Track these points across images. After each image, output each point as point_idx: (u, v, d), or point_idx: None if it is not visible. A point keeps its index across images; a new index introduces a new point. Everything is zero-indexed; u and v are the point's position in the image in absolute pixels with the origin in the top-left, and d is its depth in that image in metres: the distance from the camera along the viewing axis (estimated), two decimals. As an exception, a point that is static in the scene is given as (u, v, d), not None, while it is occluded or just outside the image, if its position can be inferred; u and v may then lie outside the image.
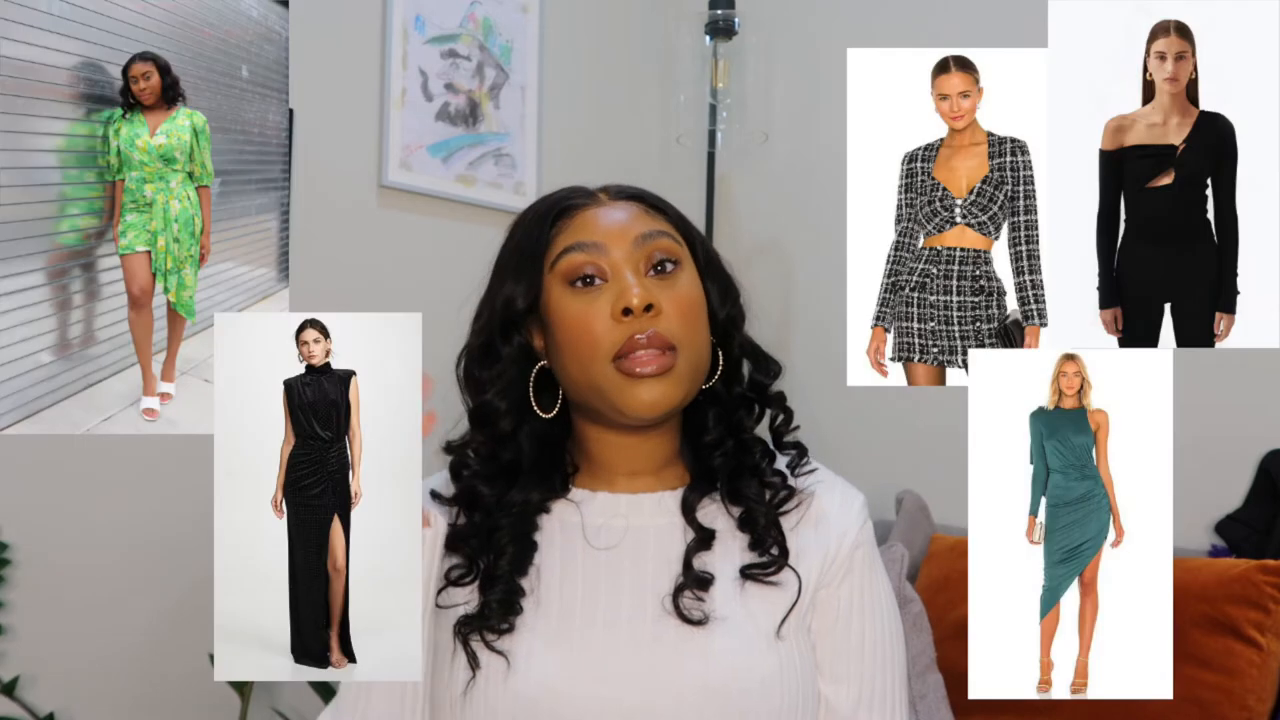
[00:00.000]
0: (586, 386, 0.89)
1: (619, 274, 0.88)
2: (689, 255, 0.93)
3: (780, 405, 0.96)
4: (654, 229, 0.90)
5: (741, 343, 0.95)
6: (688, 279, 0.91)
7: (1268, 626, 1.47)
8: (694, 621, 0.85)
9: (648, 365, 0.85)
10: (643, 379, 0.85)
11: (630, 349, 0.85)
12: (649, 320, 0.86)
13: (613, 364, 0.86)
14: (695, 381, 0.90)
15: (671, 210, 0.95)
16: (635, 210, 0.92)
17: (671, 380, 0.86)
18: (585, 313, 0.87)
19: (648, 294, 0.86)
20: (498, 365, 0.92)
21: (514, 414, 0.92)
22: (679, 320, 0.87)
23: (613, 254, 0.88)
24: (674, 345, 0.86)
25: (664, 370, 0.86)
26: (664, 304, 0.87)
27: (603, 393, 0.87)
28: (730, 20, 2.17)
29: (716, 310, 0.93)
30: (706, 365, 0.91)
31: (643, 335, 0.85)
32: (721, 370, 0.94)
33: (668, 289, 0.88)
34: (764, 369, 0.96)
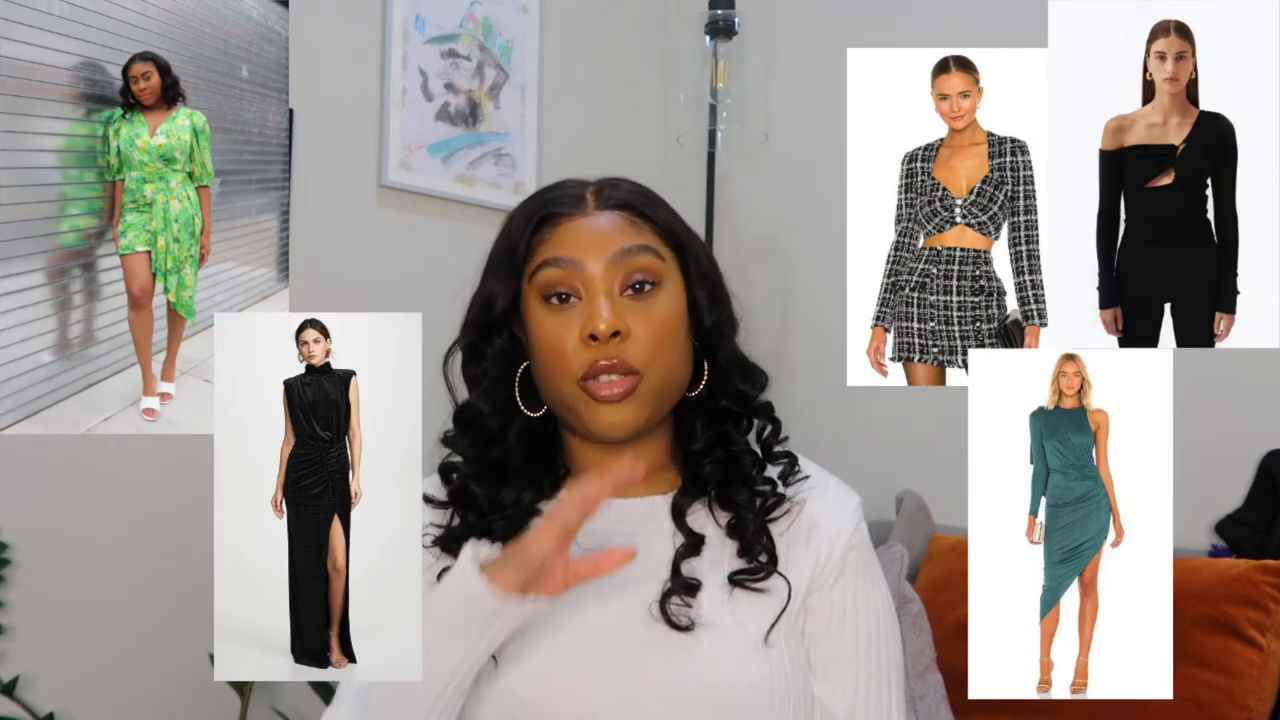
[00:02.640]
0: (557, 401, 0.89)
1: (592, 294, 0.87)
2: (674, 267, 0.91)
3: (768, 416, 0.95)
4: (636, 244, 0.89)
5: (727, 354, 0.93)
6: (666, 298, 0.89)
7: (1268, 626, 1.47)
8: (681, 627, 0.85)
9: (610, 390, 0.86)
10: (606, 403, 0.86)
11: (595, 373, 0.86)
12: (615, 347, 0.86)
13: (579, 384, 0.86)
14: (665, 398, 0.90)
15: (661, 217, 0.92)
16: (620, 222, 0.90)
17: (634, 403, 0.87)
18: (557, 330, 0.87)
19: (617, 319, 0.86)
20: (483, 364, 0.92)
21: (500, 413, 0.92)
22: (648, 344, 0.87)
23: (589, 271, 0.87)
24: (638, 371, 0.86)
25: (627, 394, 0.86)
26: (634, 327, 0.86)
27: (571, 409, 0.88)
28: (730, 20, 2.17)
29: (703, 318, 0.92)
30: (682, 380, 0.91)
31: (607, 361, 0.85)
32: (707, 380, 0.93)
33: (641, 311, 0.87)
34: (750, 380, 0.95)
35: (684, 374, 0.91)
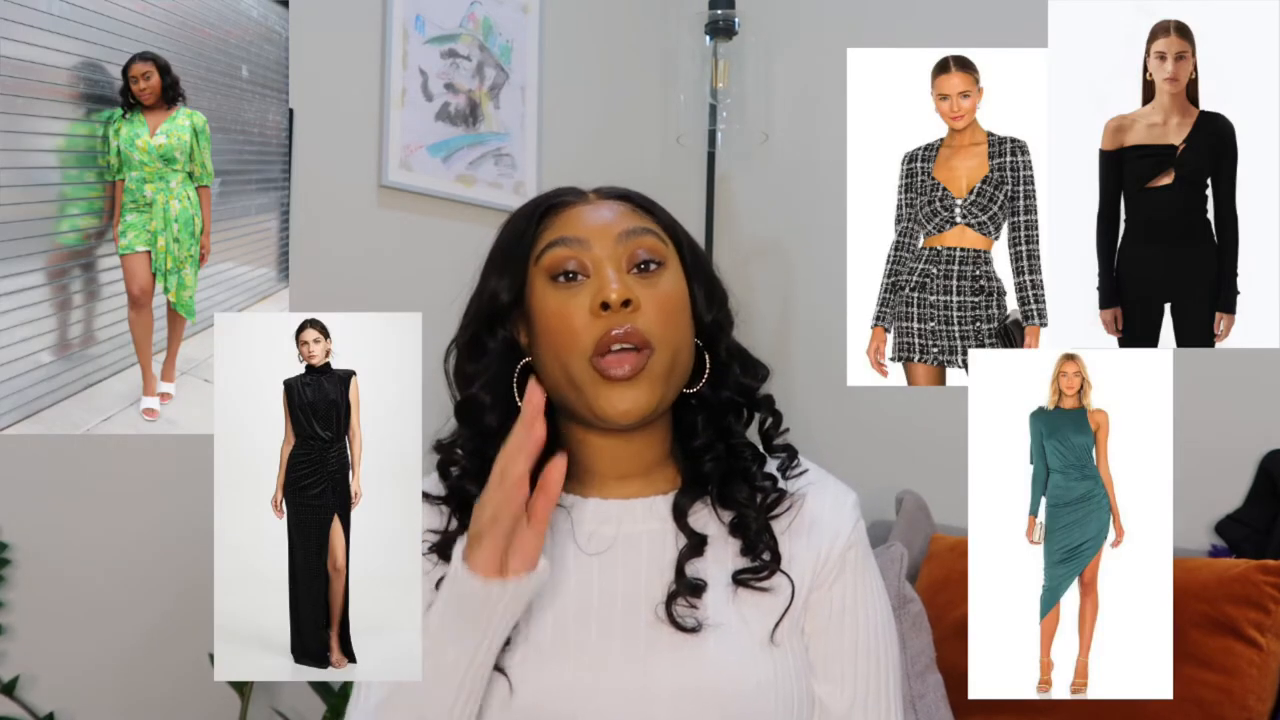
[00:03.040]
0: (565, 383, 0.89)
1: (600, 270, 0.88)
2: (675, 256, 0.93)
3: (769, 408, 0.96)
4: (639, 226, 0.91)
5: (728, 346, 0.94)
6: (671, 279, 0.91)
7: (1268, 626, 1.47)
8: (687, 629, 0.85)
9: (621, 366, 0.85)
10: (616, 382, 0.86)
11: (606, 345, 0.85)
12: (626, 316, 0.86)
13: (589, 361, 0.86)
14: (672, 383, 0.89)
15: (660, 211, 0.95)
16: (622, 208, 0.93)
17: (644, 383, 0.86)
18: (565, 307, 0.88)
19: (626, 289, 0.86)
20: (484, 359, 0.92)
21: (500, 409, 0.91)
22: (658, 318, 0.87)
23: (595, 250, 0.89)
24: (650, 344, 0.86)
25: (637, 371, 0.86)
26: (644, 301, 0.87)
27: (580, 390, 0.87)
28: (730, 20, 2.17)
29: (702, 313, 0.93)
30: (686, 367, 0.91)
31: (619, 330, 0.85)
32: (708, 374, 0.93)
33: (649, 287, 0.88)
34: (751, 373, 0.95)
35: (688, 360, 0.91)
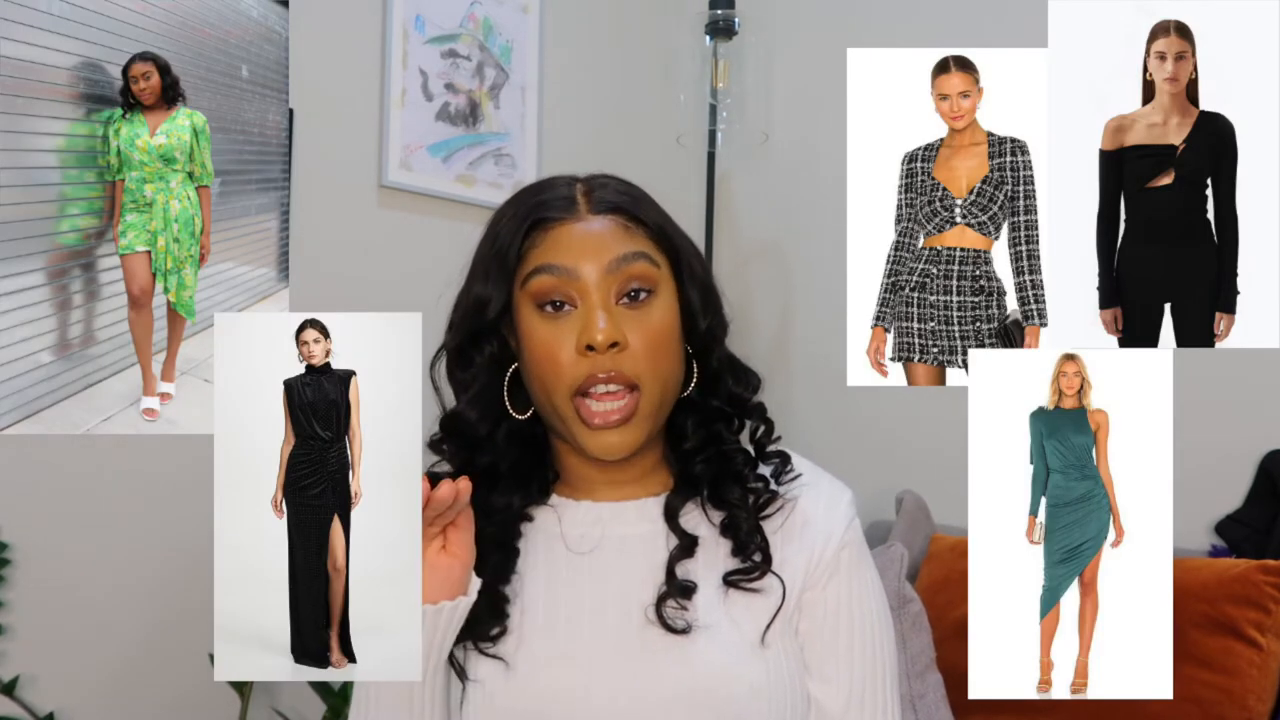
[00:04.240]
0: (550, 412, 0.88)
1: (588, 302, 0.85)
2: (667, 273, 0.89)
3: (760, 416, 0.94)
4: (631, 250, 0.87)
5: (720, 355, 0.92)
6: (661, 306, 0.88)
7: (1268, 626, 1.47)
8: (678, 630, 0.84)
9: (608, 417, 0.84)
10: (601, 429, 0.85)
11: (590, 385, 0.84)
12: (612, 358, 0.84)
13: (573, 399, 0.85)
14: (659, 416, 0.88)
15: (652, 219, 0.90)
16: (613, 228, 0.88)
17: (632, 427, 0.85)
18: (551, 340, 0.85)
19: (614, 330, 0.84)
20: (471, 370, 0.91)
21: (489, 418, 0.91)
22: (646, 354, 0.85)
23: (584, 279, 0.86)
24: (637, 384, 0.85)
25: (625, 419, 0.85)
26: (632, 338, 0.85)
27: (565, 423, 0.87)
28: (730, 20, 2.17)
29: (697, 320, 0.90)
30: (674, 387, 0.89)
31: (605, 374, 0.84)
32: (698, 381, 0.92)
33: (638, 320, 0.86)
34: (743, 382, 0.94)
35: (678, 380, 0.90)
